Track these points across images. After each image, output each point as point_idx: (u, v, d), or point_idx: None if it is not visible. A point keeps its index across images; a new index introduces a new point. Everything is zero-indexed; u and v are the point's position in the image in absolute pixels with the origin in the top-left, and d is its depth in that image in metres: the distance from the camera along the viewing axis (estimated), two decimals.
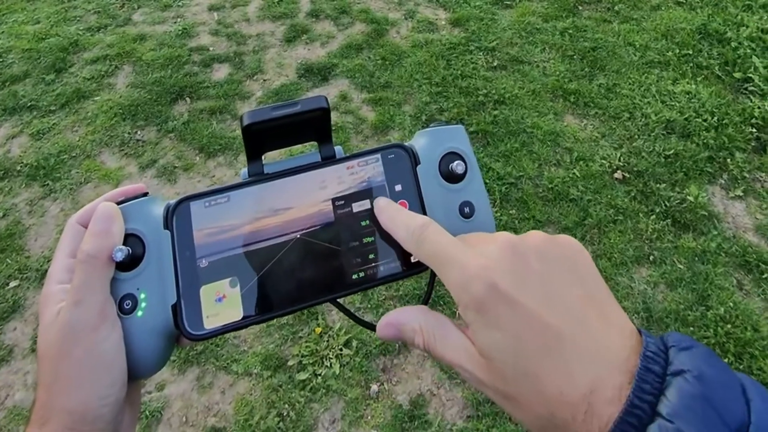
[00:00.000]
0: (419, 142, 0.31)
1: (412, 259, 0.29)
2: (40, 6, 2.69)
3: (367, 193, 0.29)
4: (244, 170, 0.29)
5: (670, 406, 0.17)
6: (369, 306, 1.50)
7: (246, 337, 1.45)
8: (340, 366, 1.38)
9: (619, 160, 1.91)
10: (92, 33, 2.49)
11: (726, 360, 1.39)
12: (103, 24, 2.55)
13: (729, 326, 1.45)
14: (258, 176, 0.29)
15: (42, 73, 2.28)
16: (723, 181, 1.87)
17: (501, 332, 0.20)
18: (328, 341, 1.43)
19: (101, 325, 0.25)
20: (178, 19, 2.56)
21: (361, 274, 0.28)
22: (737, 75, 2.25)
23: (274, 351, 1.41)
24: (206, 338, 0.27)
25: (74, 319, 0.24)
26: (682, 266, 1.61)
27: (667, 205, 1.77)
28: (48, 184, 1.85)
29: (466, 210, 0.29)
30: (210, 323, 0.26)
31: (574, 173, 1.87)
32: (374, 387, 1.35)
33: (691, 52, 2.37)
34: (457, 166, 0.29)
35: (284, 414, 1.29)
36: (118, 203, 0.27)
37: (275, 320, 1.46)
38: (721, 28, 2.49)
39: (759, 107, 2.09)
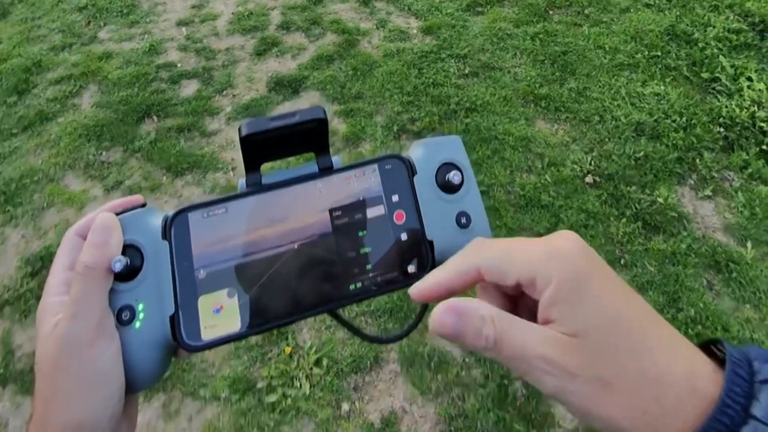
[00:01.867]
0: (416, 152, 0.32)
1: (410, 269, 0.29)
2: (2, 27, 2.68)
3: (364, 203, 0.30)
4: (242, 181, 0.30)
5: (765, 409, 0.18)
6: (338, 324, 1.51)
7: (214, 360, 1.45)
8: (311, 386, 1.38)
9: (590, 164, 1.95)
10: (56, 53, 2.49)
11: None
12: (67, 43, 2.55)
13: (700, 327, 1.48)
14: (256, 187, 0.30)
15: (4, 95, 2.27)
16: (692, 182, 1.92)
17: (599, 306, 0.20)
18: (298, 361, 1.43)
19: (99, 339, 0.25)
20: (146, 36, 2.58)
21: (359, 285, 0.29)
22: (705, 75, 2.33)
23: (243, 373, 1.41)
24: (204, 349, 0.27)
25: (71, 332, 0.25)
26: (652, 268, 1.65)
27: (638, 207, 1.81)
28: (9, 210, 1.84)
29: (463, 220, 0.30)
30: (208, 334, 0.27)
31: (545, 179, 1.91)
32: (345, 406, 1.36)
33: (659, 54, 2.44)
34: (454, 177, 0.30)
35: None
36: (117, 214, 0.28)
37: (243, 342, 1.46)
38: (688, 29, 2.57)
39: (726, 106, 2.16)
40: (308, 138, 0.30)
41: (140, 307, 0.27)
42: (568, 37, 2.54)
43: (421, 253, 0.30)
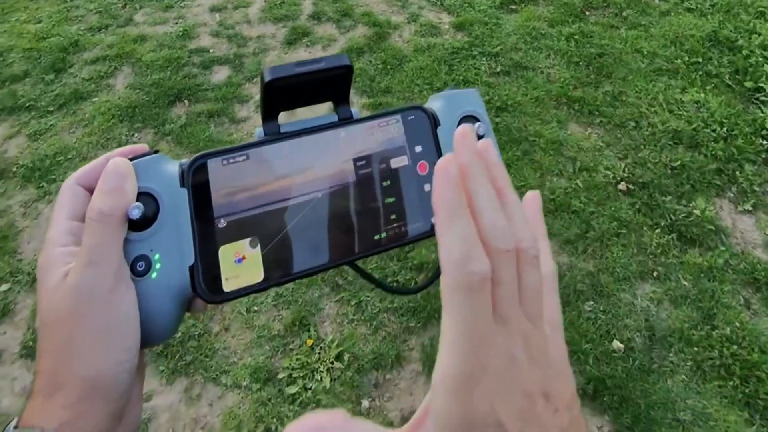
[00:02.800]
0: (436, 104, 0.30)
1: (434, 220, 0.28)
2: (42, 5, 2.67)
3: (387, 153, 0.29)
4: (259, 129, 0.28)
5: None
6: (363, 318, 1.46)
7: (236, 348, 1.41)
8: (331, 380, 1.34)
9: (624, 171, 1.85)
10: (93, 33, 2.47)
11: (731, 383, 1.33)
12: (104, 24, 2.52)
13: (735, 347, 1.39)
14: (275, 135, 0.28)
15: (42, 73, 2.25)
16: (732, 195, 1.80)
17: None
18: (319, 354, 1.39)
19: (117, 288, 0.23)
20: (179, 20, 2.53)
21: (383, 235, 0.28)
22: (748, 84, 2.18)
23: (264, 363, 1.37)
24: (225, 301, 0.25)
25: (88, 280, 0.23)
26: (687, 283, 1.55)
27: (673, 218, 1.71)
28: (43, 186, 1.83)
29: None
30: (229, 285, 0.25)
31: (576, 184, 1.81)
32: (365, 403, 1.31)
33: (700, 60, 2.30)
34: (479, 128, 0.29)
35: (272, 429, 1.25)
36: (129, 160, 0.26)
37: (266, 331, 1.42)
38: (732, 35, 2.41)
39: None
40: (332, 86, 0.28)
41: (156, 257, 0.25)
42: (605, 39, 2.41)
43: None
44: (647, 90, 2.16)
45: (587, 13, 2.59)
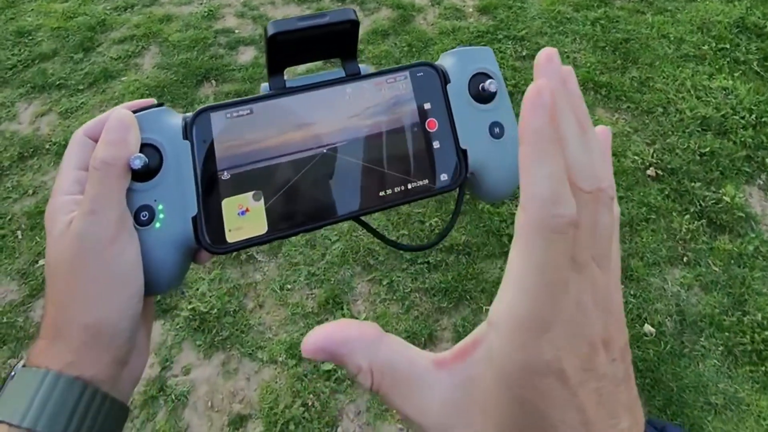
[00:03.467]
0: (447, 61, 0.29)
1: (442, 178, 0.27)
2: None
3: (395, 109, 0.27)
4: (265, 84, 0.27)
5: None
6: (395, 297, 1.42)
7: (271, 324, 1.38)
8: None
9: (652, 157, 1.77)
10: (119, 12, 2.39)
11: (763, 368, 1.28)
12: (130, 4, 2.44)
13: (767, 333, 1.34)
14: (281, 90, 0.27)
15: (70, 51, 2.19)
16: (761, 182, 1.73)
17: None
18: None
19: (119, 236, 0.23)
20: (204, 1, 2.44)
21: (389, 191, 0.27)
22: None
23: (299, 339, 1.34)
24: (228, 252, 0.25)
25: (90, 229, 0.22)
26: (717, 269, 1.49)
27: (702, 204, 1.64)
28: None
29: (497, 130, 0.28)
30: (232, 237, 0.25)
31: None
32: None
33: (728, 47, 2.19)
34: (490, 85, 0.27)
35: (309, 404, 1.23)
36: (133, 112, 0.25)
37: (300, 309, 1.39)
38: (760, 21, 2.29)
39: None
40: (337, 41, 0.27)
41: (160, 207, 0.24)
42: (631, 24, 2.30)
43: (454, 162, 0.27)
44: (674, 76, 2.06)
45: None
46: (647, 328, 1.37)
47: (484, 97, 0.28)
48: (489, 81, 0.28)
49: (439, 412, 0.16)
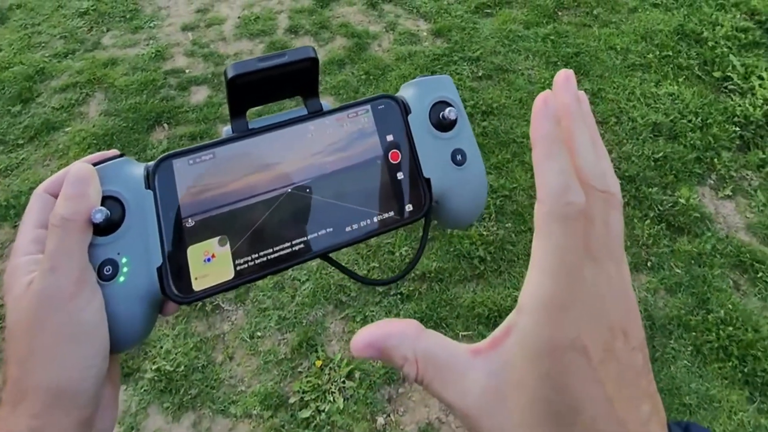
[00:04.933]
0: (408, 92, 0.31)
1: (407, 209, 0.29)
2: (1, 33, 2.61)
3: (358, 144, 0.29)
4: (227, 128, 0.28)
5: None
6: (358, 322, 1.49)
7: (243, 376, 1.41)
8: (344, 400, 1.36)
9: None
10: (59, 59, 2.43)
11: (730, 364, 1.42)
12: (70, 49, 2.49)
13: (731, 329, 1.48)
14: (243, 132, 0.28)
15: (7, 104, 2.20)
16: (712, 182, 1.93)
17: None
18: (329, 374, 1.41)
19: (80, 292, 0.23)
20: (151, 41, 2.52)
21: (355, 226, 0.28)
22: (716, 74, 2.34)
23: (274, 389, 1.38)
24: (195, 301, 0.26)
25: (49, 286, 0.23)
26: (680, 270, 1.64)
27: (661, 208, 1.81)
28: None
29: (458, 157, 0.30)
30: (199, 285, 0.26)
31: None
32: (381, 419, 1.33)
33: (670, 53, 2.45)
34: (450, 113, 0.29)
35: None
36: (93, 165, 0.26)
37: (272, 356, 1.43)
38: (697, 28, 2.58)
39: (740, 105, 2.17)
40: (298, 80, 0.28)
41: (124, 260, 0.25)
42: (579, 38, 2.54)
43: (418, 192, 0.29)
44: (624, 85, 2.28)
45: (560, 13, 2.72)
46: None
47: (445, 125, 0.30)
48: (449, 109, 0.29)
49: (479, 397, 0.18)
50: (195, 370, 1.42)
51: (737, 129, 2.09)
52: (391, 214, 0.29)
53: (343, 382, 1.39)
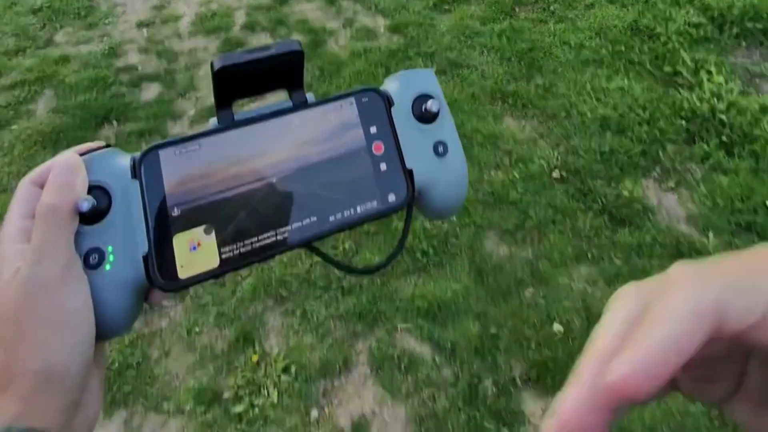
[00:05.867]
0: (391, 85, 0.32)
1: (390, 198, 0.30)
2: None
3: (342, 135, 0.30)
4: (213, 119, 0.29)
5: None
6: (309, 327, 1.49)
7: (177, 372, 1.41)
8: (279, 393, 1.36)
9: (557, 160, 1.98)
10: (9, 57, 2.40)
11: None
12: (21, 47, 2.45)
13: None
14: (229, 123, 0.29)
15: None
16: (656, 174, 1.97)
17: None
18: (265, 369, 1.41)
19: (66, 281, 0.23)
20: (105, 38, 2.50)
21: (338, 216, 0.29)
22: (667, 69, 2.39)
23: (208, 384, 1.38)
24: (181, 289, 0.26)
25: (36, 275, 0.23)
26: (619, 261, 1.68)
27: (604, 201, 1.84)
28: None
29: (440, 149, 0.30)
30: (185, 273, 0.26)
31: (513, 175, 1.92)
32: (314, 412, 1.34)
33: (623, 49, 2.49)
34: (432, 105, 0.30)
35: None
36: (80, 155, 0.26)
37: (209, 351, 1.43)
38: (651, 23, 2.63)
39: (688, 99, 2.22)
40: (283, 72, 0.29)
41: (110, 248, 0.25)
42: (534, 33, 2.58)
43: (401, 182, 0.30)
44: (576, 81, 2.32)
45: (517, 9, 2.76)
46: (556, 326, 1.51)
47: (427, 118, 0.30)
48: (431, 101, 0.30)
49: None
50: (129, 366, 1.41)
51: (683, 122, 2.14)
52: (374, 203, 0.29)
53: (279, 376, 1.39)
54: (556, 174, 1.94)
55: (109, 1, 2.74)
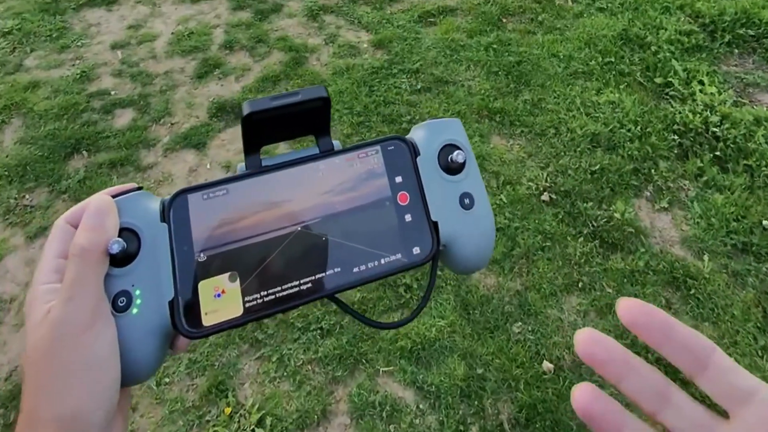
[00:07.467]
0: (417, 134, 0.32)
1: (415, 251, 0.29)
2: None
3: (367, 184, 0.29)
4: (241, 164, 0.29)
5: None
6: (285, 374, 1.41)
7: (146, 429, 1.32)
8: None
9: (546, 181, 1.90)
10: None
11: None
12: None
13: (650, 355, 1.44)
14: (256, 169, 0.29)
15: None
16: (648, 193, 1.89)
17: None
18: (239, 421, 1.33)
19: (95, 324, 0.24)
20: (77, 61, 2.41)
21: (362, 267, 0.28)
22: (658, 80, 2.31)
23: None
24: (204, 336, 0.26)
25: (66, 316, 0.23)
26: (611, 290, 1.60)
27: (595, 225, 1.77)
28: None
29: (467, 201, 0.30)
30: (209, 320, 0.26)
31: (501, 199, 1.85)
32: None
33: (613, 60, 2.42)
34: (458, 156, 0.30)
35: None
36: (113, 197, 0.27)
37: (179, 405, 1.35)
38: (641, 32, 2.56)
39: (680, 112, 2.14)
40: (310, 118, 0.29)
41: (137, 292, 0.25)
42: (522, 45, 2.50)
43: (426, 235, 0.29)
44: (565, 94, 2.24)
45: (504, 20, 2.68)
46: (546, 365, 1.44)
47: (453, 169, 0.30)
48: (457, 152, 0.30)
49: None
50: None
51: (676, 137, 2.07)
52: (398, 256, 0.29)
53: (253, 429, 1.31)
54: (545, 197, 1.86)
55: (83, 21, 2.65)
